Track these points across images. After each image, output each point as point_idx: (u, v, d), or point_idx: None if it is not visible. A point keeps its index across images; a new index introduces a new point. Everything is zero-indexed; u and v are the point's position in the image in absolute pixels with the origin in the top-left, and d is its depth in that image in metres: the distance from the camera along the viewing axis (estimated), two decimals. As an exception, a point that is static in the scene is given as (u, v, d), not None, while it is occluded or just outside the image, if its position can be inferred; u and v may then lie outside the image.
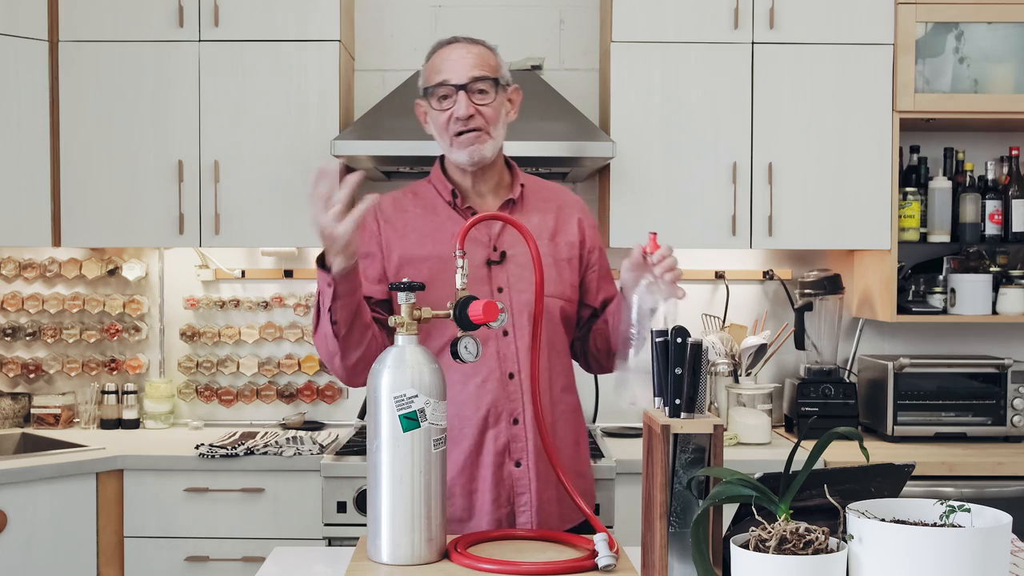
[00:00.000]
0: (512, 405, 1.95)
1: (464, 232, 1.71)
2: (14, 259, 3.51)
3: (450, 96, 1.93)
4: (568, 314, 2.05)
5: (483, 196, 2.04)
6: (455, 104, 1.93)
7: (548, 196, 2.10)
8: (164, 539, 2.95)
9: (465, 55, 1.94)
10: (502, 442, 1.95)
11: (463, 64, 1.93)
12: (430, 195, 2.05)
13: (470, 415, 1.95)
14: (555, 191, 2.13)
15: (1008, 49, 3.20)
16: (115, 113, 3.22)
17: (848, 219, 3.21)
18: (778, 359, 3.52)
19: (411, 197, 2.07)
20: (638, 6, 3.18)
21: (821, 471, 1.33)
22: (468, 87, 1.92)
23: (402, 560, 1.62)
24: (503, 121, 2.00)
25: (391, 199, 2.07)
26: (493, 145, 1.97)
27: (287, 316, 3.56)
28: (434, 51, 2.00)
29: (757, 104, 3.20)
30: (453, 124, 1.94)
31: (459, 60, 1.94)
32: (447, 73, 1.94)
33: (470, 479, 1.96)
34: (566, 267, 2.03)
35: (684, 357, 1.44)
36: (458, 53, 1.95)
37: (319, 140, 3.20)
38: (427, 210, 2.03)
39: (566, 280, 2.03)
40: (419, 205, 2.04)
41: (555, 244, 2.04)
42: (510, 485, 1.96)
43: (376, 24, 3.58)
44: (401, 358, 1.63)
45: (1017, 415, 3.19)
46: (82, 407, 3.46)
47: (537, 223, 2.03)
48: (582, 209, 2.13)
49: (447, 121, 1.95)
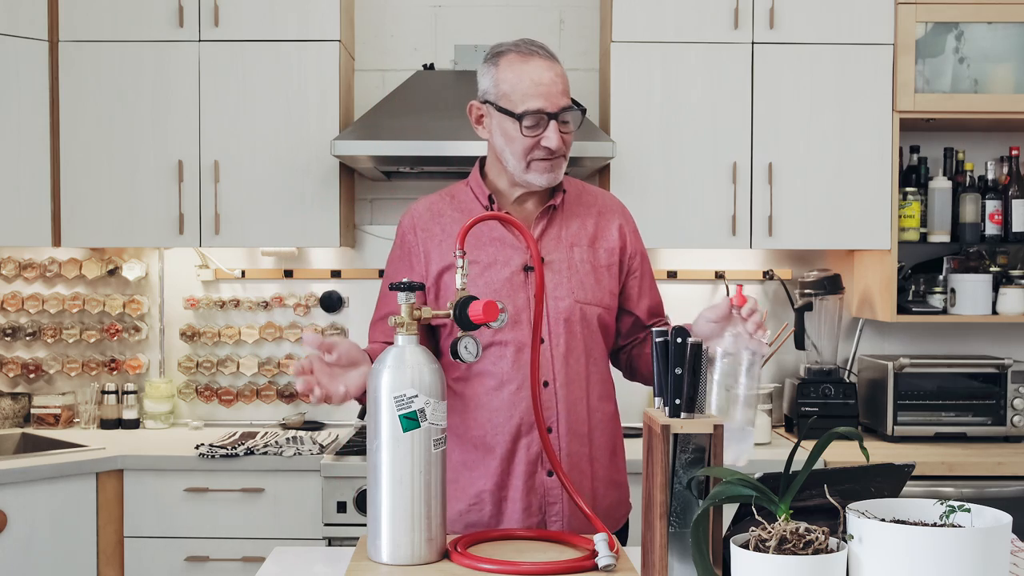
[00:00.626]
0: (546, 413, 1.93)
1: (464, 232, 1.71)
2: (14, 259, 3.51)
3: (540, 125, 1.88)
4: (606, 322, 2.01)
5: (523, 202, 2.00)
6: (545, 132, 1.88)
7: (589, 201, 2.06)
8: (164, 539, 2.95)
9: (555, 79, 1.88)
10: (535, 451, 1.93)
11: (554, 89, 1.87)
12: (467, 199, 2.02)
13: (503, 422, 1.93)
14: (597, 196, 2.09)
15: (1008, 49, 3.20)
16: (115, 113, 3.22)
17: (848, 219, 3.21)
18: (778, 359, 3.52)
19: (448, 201, 2.03)
20: (638, 6, 3.18)
21: (821, 471, 1.33)
22: (559, 116, 1.88)
23: (402, 560, 1.62)
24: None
25: (426, 204, 2.03)
26: (564, 168, 1.96)
27: (287, 316, 3.56)
28: (508, 58, 1.91)
29: (757, 104, 3.21)
30: (538, 151, 1.90)
31: (550, 85, 1.87)
32: (540, 100, 1.87)
33: (501, 487, 1.94)
34: (605, 274, 2.00)
35: (684, 357, 1.44)
36: (547, 75, 1.88)
37: (319, 140, 3.20)
38: (464, 214, 1.99)
39: (605, 287, 1.99)
40: (456, 209, 2.00)
41: (594, 250, 2.00)
42: (542, 494, 1.94)
43: (376, 24, 3.58)
44: (401, 358, 1.63)
45: (1017, 415, 3.20)
46: (82, 407, 3.46)
47: (576, 229, 2.00)
48: (624, 214, 2.09)
49: (531, 147, 1.90)
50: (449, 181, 3.53)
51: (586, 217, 2.03)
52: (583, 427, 1.96)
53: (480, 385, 1.93)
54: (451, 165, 3.16)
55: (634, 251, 2.07)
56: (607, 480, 2.00)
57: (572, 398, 1.94)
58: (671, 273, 3.54)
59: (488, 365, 1.93)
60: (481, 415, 1.94)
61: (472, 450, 1.97)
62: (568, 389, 1.94)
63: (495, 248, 1.95)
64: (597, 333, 1.99)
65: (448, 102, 3.19)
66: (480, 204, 1.99)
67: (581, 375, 1.96)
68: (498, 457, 1.94)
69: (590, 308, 1.96)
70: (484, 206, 1.98)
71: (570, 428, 1.95)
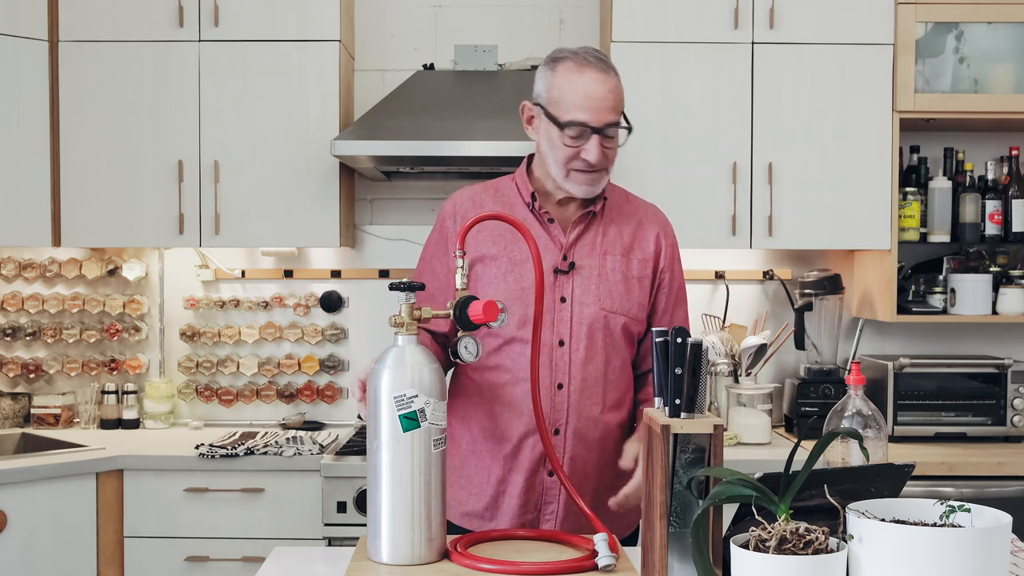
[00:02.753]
0: (556, 415, 1.94)
1: (464, 232, 1.71)
2: (14, 259, 3.51)
3: (583, 136, 1.88)
4: (632, 332, 2.00)
5: (565, 205, 2.00)
6: (586, 145, 1.88)
7: (630, 211, 2.05)
8: (164, 539, 2.95)
9: (606, 94, 1.87)
10: (539, 450, 1.94)
11: (603, 104, 1.87)
12: (511, 193, 2.02)
13: (513, 418, 1.94)
14: (639, 206, 2.08)
15: (1008, 49, 3.20)
16: (115, 113, 3.22)
17: (848, 219, 3.21)
18: (778, 359, 3.52)
19: (491, 193, 2.03)
20: (638, 6, 3.18)
21: (821, 471, 1.33)
22: (603, 131, 1.88)
23: (402, 560, 1.62)
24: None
25: (470, 195, 2.04)
26: (606, 179, 1.96)
27: (287, 316, 3.56)
28: (565, 65, 1.90)
29: (757, 104, 3.20)
30: (577, 162, 1.90)
31: (599, 99, 1.87)
32: (586, 112, 1.86)
33: (502, 480, 1.96)
34: (636, 285, 1.99)
35: (684, 357, 1.44)
36: (599, 89, 1.87)
37: (319, 140, 3.20)
38: (505, 208, 1.99)
39: (634, 298, 1.98)
40: (498, 202, 2.01)
41: (628, 260, 1.99)
42: (540, 492, 1.96)
43: (376, 24, 3.58)
44: (401, 358, 1.63)
45: (1017, 415, 3.19)
46: (82, 407, 3.46)
47: (612, 237, 2.00)
48: (664, 228, 2.07)
49: (571, 157, 1.90)
50: (449, 181, 3.54)
51: (624, 226, 2.02)
52: (593, 433, 1.96)
53: (497, 378, 1.94)
54: (451, 165, 3.16)
55: (666, 266, 2.05)
56: (615, 488, 1.99)
57: (585, 403, 1.94)
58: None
59: (507, 360, 1.94)
60: (495, 408, 1.95)
61: (481, 440, 1.98)
62: (582, 394, 1.94)
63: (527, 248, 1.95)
64: (621, 342, 1.98)
65: (448, 102, 3.19)
66: (522, 200, 2.00)
67: (598, 382, 1.96)
68: (504, 451, 1.95)
69: (615, 317, 1.96)
70: (526, 202, 1.99)
71: (577, 432, 1.95)
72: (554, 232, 1.97)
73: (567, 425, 1.94)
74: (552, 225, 1.98)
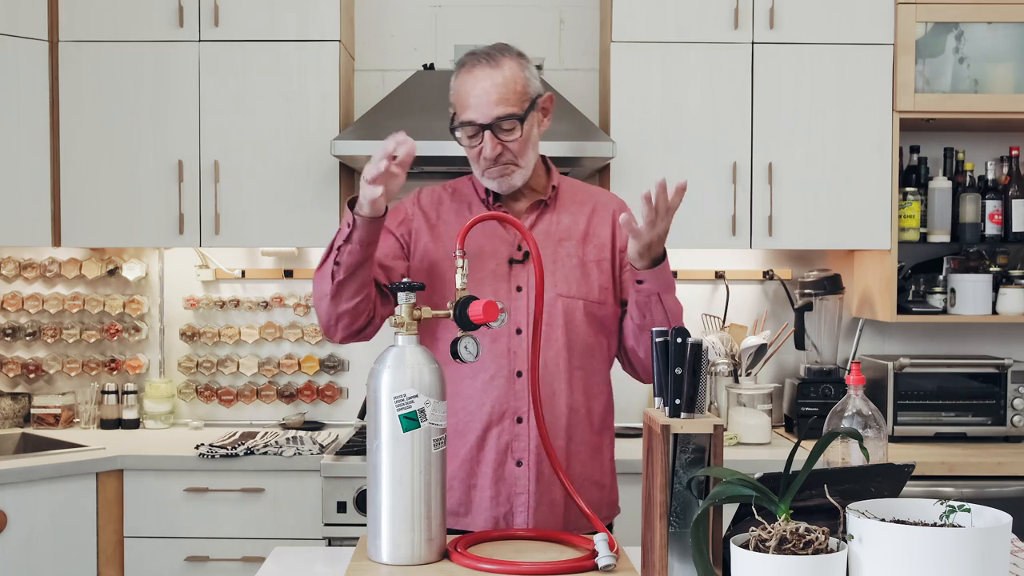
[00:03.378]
0: (517, 404, 1.95)
1: (463, 232, 1.71)
2: (14, 259, 3.51)
3: (477, 135, 1.92)
4: (598, 316, 2.01)
5: (516, 199, 2.03)
6: (482, 143, 1.91)
7: (583, 198, 2.08)
8: (164, 539, 2.95)
9: (489, 89, 1.89)
10: (504, 440, 1.95)
11: (487, 100, 1.89)
12: (468, 192, 2.06)
13: (475, 410, 1.96)
14: (592, 193, 2.11)
15: (1008, 49, 3.20)
16: (115, 113, 3.22)
17: (848, 219, 3.21)
18: (778, 359, 3.52)
19: (449, 193, 2.07)
20: (638, 6, 3.18)
21: (821, 471, 1.33)
22: (493, 126, 1.90)
23: (402, 560, 1.62)
24: (533, 142, 1.98)
25: (430, 191, 2.08)
26: (523, 173, 1.97)
27: (287, 316, 3.56)
28: (459, 69, 1.94)
29: (757, 104, 3.21)
30: (482, 161, 1.94)
31: (483, 95, 1.89)
32: (473, 111, 1.90)
33: (470, 474, 1.97)
34: (594, 269, 2.00)
35: (684, 357, 1.44)
36: (482, 86, 1.89)
37: (319, 140, 3.20)
38: (461, 206, 2.04)
39: (593, 281, 1.99)
40: (455, 201, 2.05)
41: (583, 246, 2.01)
42: (510, 484, 1.96)
43: (376, 24, 3.58)
44: (401, 358, 1.63)
45: (1017, 415, 3.20)
46: (82, 407, 3.46)
47: (568, 225, 2.02)
48: (620, 207, 2.07)
49: (476, 156, 1.95)
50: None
51: (579, 214, 2.04)
52: (559, 421, 1.96)
53: (456, 372, 1.94)
54: (451, 165, 3.16)
55: (624, 244, 2.05)
56: (585, 478, 2.00)
57: (546, 390, 1.94)
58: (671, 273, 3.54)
59: None
60: (456, 402, 1.96)
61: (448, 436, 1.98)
62: (542, 381, 1.93)
63: (484, 238, 1.98)
64: (583, 327, 1.99)
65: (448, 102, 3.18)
66: (478, 197, 2.03)
67: (560, 368, 1.96)
68: (469, 444, 1.96)
69: (572, 302, 1.97)
70: (482, 199, 2.02)
71: (548, 418, 1.94)
72: (507, 224, 1.98)
73: (529, 413, 1.94)
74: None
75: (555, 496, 1.96)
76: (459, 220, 2.00)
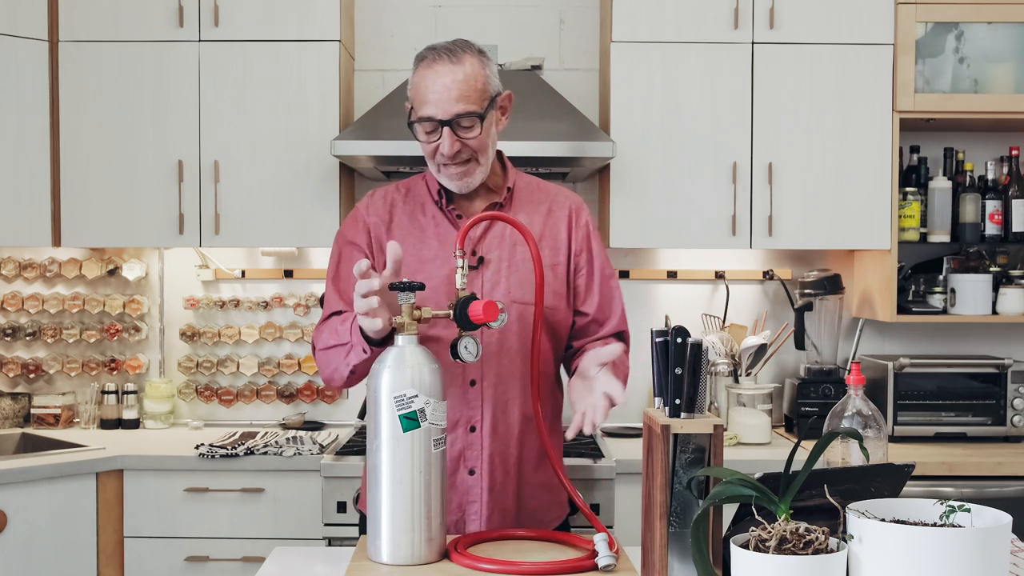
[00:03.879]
0: (470, 412, 1.93)
1: (463, 233, 1.71)
2: (14, 259, 3.51)
3: (435, 131, 1.87)
4: (551, 322, 1.98)
5: (471, 197, 2.00)
6: (440, 139, 1.87)
7: (539, 198, 2.04)
8: (164, 539, 2.95)
9: (449, 85, 1.84)
10: (457, 449, 1.94)
11: (447, 96, 1.84)
12: (421, 192, 2.03)
13: None
14: (548, 192, 2.07)
15: (1008, 49, 3.20)
16: (115, 113, 3.22)
17: (848, 219, 3.21)
18: (778, 359, 3.52)
19: (403, 194, 2.04)
20: (638, 6, 3.18)
21: (821, 471, 1.33)
22: (452, 123, 1.86)
23: (402, 560, 1.62)
24: (492, 140, 1.95)
25: (383, 194, 2.05)
26: (482, 171, 1.93)
27: (287, 316, 3.56)
28: (418, 64, 1.90)
29: (757, 104, 3.21)
30: (439, 157, 1.90)
31: (443, 92, 1.84)
32: (432, 107, 1.85)
33: None
34: (549, 273, 1.97)
35: (684, 357, 1.44)
36: (442, 82, 1.84)
37: (319, 140, 3.20)
38: (415, 208, 2.00)
39: (548, 287, 1.96)
40: (409, 202, 2.02)
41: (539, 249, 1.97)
42: (463, 492, 1.95)
43: (376, 24, 3.58)
44: (401, 358, 1.63)
45: (1017, 415, 3.20)
46: (82, 407, 3.46)
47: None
48: (576, 209, 2.05)
49: (433, 153, 1.90)
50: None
51: (534, 215, 2.01)
52: (512, 430, 1.95)
53: None
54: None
55: (581, 247, 2.03)
56: (537, 483, 1.99)
57: (500, 399, 1.93)
58: (671, 273, 3.54)
59: None
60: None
61: None
62: (496, 389, 1.92)
63: (438, 243, 1.96)
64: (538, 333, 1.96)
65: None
66: (431, 198, 2.00)
67: (514, 375, 1.94)
68: None
69: (527, 308, 1.93)
70: (435, 200, 1.99)
71: (495, 428, 1.93)
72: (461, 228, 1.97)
73: (483, 421, 1.93)
74: (461, 221, 1.97)
75: (507, 504, 1.95)
76: (412, 222, 1.98)
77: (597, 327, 2.05)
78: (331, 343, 1.87)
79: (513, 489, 1.96)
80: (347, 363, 1.83)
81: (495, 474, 1.94)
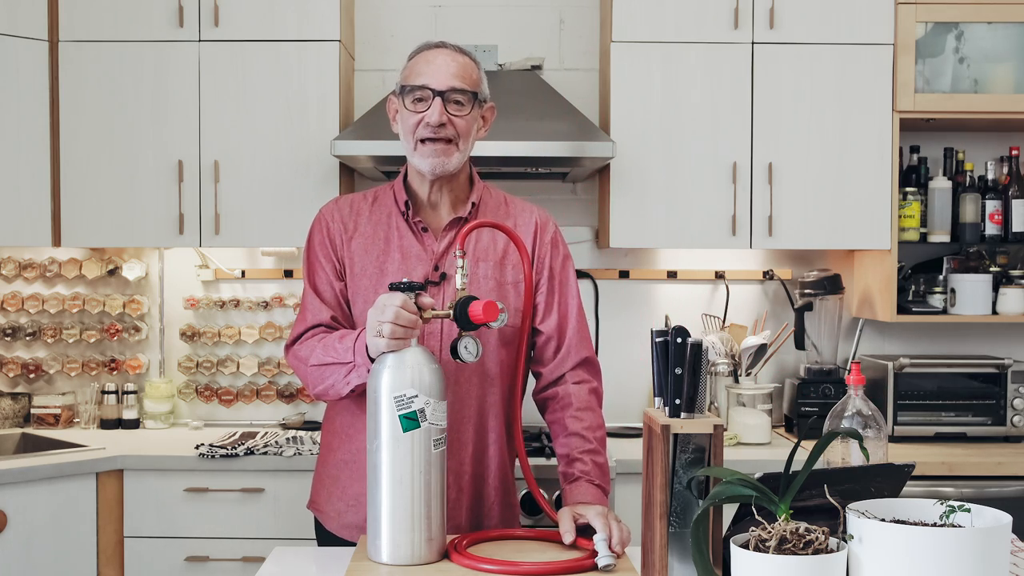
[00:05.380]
0: None
1: (463, 235, 1.72)
2: (14, 259, 3.51)
3: (426, 100, 1.89)
4: (512, 340, 1.95)
5: (437, 209, 1.99)
6: (429, 109, 1.88)
7: (504, 214, 2.02)
8: (164, 539, 2.95)
9: (449, 62, 1.90)
10: None
11: (445, 71, 1.89)
12: (388, 202, 2.01)
13: None
14: (513, 209, 2.05)
15: (1008, 49, 3.20)
16: (115, 113, 3.22)
17: (848, 219, 3.21)
18: (778, 359, 3.52)
19: (369, 202, 2.03)
20: (638, 6, 3.18)
21: (821, 471, 1.33)
22: (446, 95, 1.88)
23: (402, 560, 1.62)
24: (473, 136, 1.95)
25: (348, 202, 2.03)
26: (459, 158, 1.92)
27: (287, 316, 3.56)
28: (418, 51, 1.95)
29: (757, 104, 3.21)
30: (422, 129, 1.89)
31: (442, 67, 1.90)
32: (427, 77, 1.89)
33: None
34: (511, 291, 1.95)
35: (684, 357, 1.44)
36: (442, 59, 1.90)
37: (319, 140, 3.20)
38: (380, 217, 1.99)
39: (510, 304, 1.94)
40: (375, 212, 2.01)
41: (502, 266, 1.97)
42: None
43: (376, 24, 3.58)
44: (401, 358, 1.63)
45: (1017, 415, 3.20)
46: (82, 407, 3.46)
47: (486, 242, 1.97)
48: (543, 224, 2.03)
49: (416, 124, 1.90)
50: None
51: (496, 232, 1.98)
52: (467, 447, 1.94)
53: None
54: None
55: (542, 264, 2.01)
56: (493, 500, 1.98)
57: (456, 416, 1.91)
58: (671, 273, 3.54)
59: None
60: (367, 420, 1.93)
61: (357, 452, 1.95)
62: (452, 407, 1.90)
63: (400, 255, 1.95)
64: (496, 351, 1.94)
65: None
66: (398, 209, 1.99)
67: (472, 395, 1.93)
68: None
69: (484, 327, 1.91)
70: (401, 211, 1.98)
71: (454, 446, 1.91)
72: (427, 242, 1.95)
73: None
74: (426, 235, 1.96)
75: (460, 521, 1.94)
76: (376, 231, 1.97)
77: (555, 348, 2.00)
78: (327, 360, 1.85)
79: (467, 506, 1.95)
80: (347, 382, 1.82)
81: (450, 491, 1.90)
